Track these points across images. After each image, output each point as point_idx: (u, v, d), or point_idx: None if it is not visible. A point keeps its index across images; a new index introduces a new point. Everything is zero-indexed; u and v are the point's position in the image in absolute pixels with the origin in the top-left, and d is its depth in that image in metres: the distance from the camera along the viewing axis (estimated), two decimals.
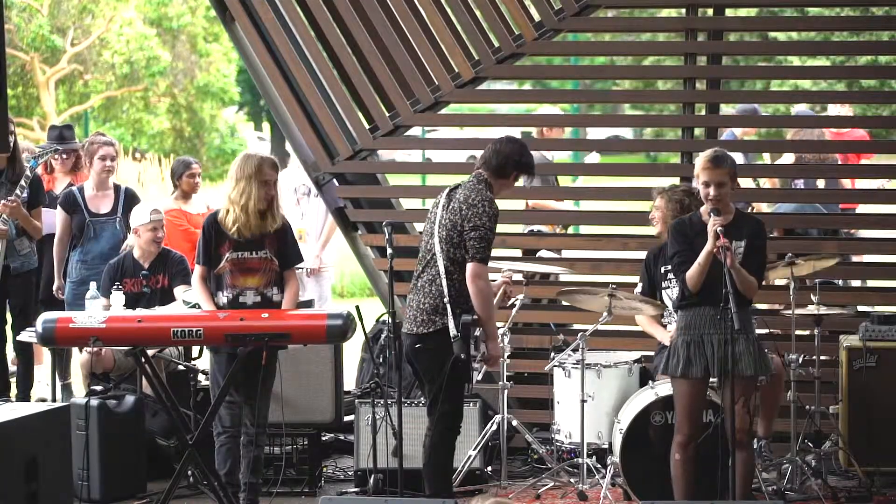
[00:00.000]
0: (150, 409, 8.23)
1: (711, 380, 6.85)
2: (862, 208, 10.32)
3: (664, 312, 7.77)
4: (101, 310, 7.81)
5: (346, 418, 8.59)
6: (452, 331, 6.67)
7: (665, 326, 7.76)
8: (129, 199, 9.26)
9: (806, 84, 20.99)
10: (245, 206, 7.16)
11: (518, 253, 9.41)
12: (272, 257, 7.25)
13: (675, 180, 9.07)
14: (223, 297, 7.24)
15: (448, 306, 6.70)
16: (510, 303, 7.83)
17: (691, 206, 7.55)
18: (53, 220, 9.31)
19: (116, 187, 9.37)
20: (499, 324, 7.80)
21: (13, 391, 9.29)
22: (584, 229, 11.00)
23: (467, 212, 6.76)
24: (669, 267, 7.38)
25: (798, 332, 7.84)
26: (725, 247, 6.51)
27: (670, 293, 7.68)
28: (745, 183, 10.32)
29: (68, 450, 6.77)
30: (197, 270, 7.33)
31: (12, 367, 9.53)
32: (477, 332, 6.76)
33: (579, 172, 13.77)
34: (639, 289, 7.84)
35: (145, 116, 27.31)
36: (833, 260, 8.26)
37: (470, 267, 6.71)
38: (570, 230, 11.19)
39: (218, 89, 27.82)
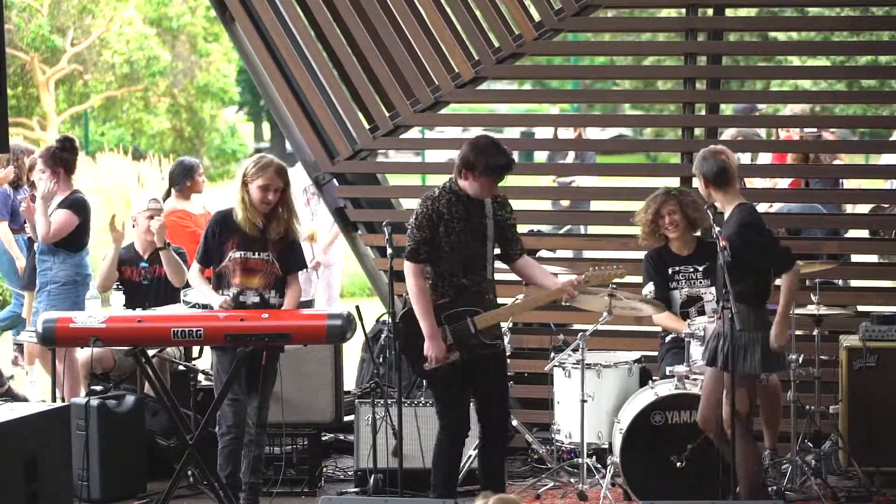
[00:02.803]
0: (150, 409, 8.23)
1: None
2: (861, 208, 10.33)
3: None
4: (100, 310, 7.80)
5: (346, 418, 8.60)
6: None
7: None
8: (63, 201, 8.92)
9: (806, 84, 20.97)
10: (243, 210, 7.20)
11: None
12: (274, 260, 7.26)
13: (676, 180, 9.07)
14: (226, 296, 7.25)
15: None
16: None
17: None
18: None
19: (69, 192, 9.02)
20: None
21: None
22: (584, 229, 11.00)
23: None
24: (678, 268, 7.87)
25: (798, 332, 7.84)
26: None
27: (679, 294, 7.85)
28: (752, 183, 10.33)
29: (68, 450, 6.77)
30: (194, 267, 7.35)
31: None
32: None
33: (579, 172, 13.78)
34: (651, 287, 7.80)
35: (145, 116, 27.28)
36: (830, 265, 8.31)
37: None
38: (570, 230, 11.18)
39: (218, 89, 27.78)
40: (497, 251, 7.09)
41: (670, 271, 7.88)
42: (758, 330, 6.84)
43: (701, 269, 7.81)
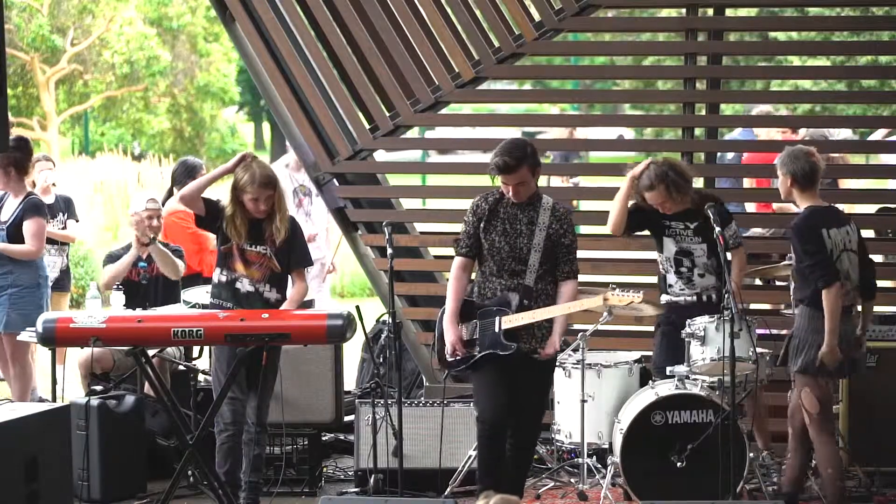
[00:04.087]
0: (150, 409, 8.23)
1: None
2: (861, 208, 10.32)
3: (667, 272, 7.75)
4: (101, 309, 7.80)
5: (346, 418, 8.60)
6: None
7: (667, 288, 7.75)
8: (25, 209, 8.89)
9: (806, 84, 20.99)
10: (231, 213, 7.29)
11: None
12: (271, 255, 7.28)
13: None
14: (222, 276, 7.32)
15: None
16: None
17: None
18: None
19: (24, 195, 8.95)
20: None
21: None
22: (584, 229, 11.00)
23: None
24: (668, 223, 7.68)
25: None
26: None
27: (673, 242, 7.69)
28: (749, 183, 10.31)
29: (68, 450, 6.77)
30: None
31: None
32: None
33: (579, 172, 13.84)
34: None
35: (145, 116, 27.30)
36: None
37: None
38: None
39: (218, 89, 27.81)
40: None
41: (670, 222, 7.74)
42: (819, 333, 6.88)
43: (692, 226, 7.67)
